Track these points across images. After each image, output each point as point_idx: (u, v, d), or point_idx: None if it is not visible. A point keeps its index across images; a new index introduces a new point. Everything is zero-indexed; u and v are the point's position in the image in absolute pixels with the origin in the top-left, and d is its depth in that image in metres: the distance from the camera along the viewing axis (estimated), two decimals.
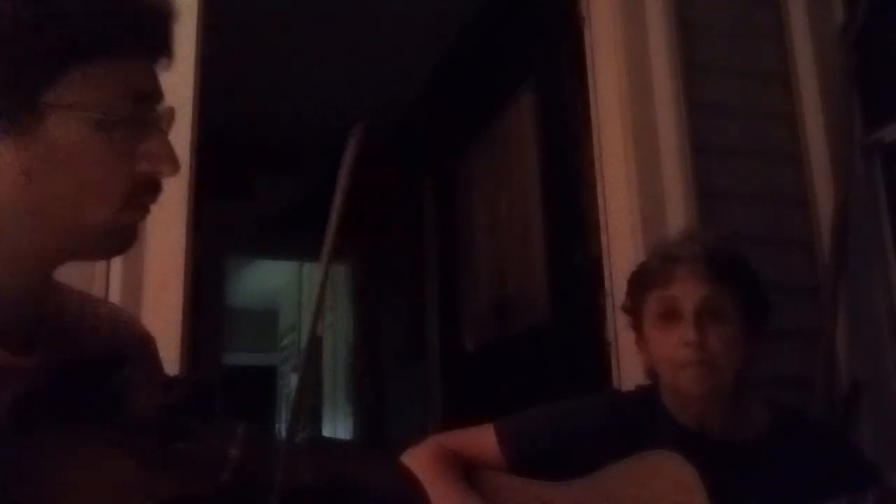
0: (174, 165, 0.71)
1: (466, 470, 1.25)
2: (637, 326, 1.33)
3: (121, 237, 0.71)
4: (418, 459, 1.22)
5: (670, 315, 1.25)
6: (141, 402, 0.66)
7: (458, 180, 3.17)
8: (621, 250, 1.83)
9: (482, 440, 1.29)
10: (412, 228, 3.67)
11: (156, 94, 0.72)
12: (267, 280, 6.96)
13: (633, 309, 1.34)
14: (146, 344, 0.85)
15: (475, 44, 2.94)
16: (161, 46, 0.73)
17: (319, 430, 5.53)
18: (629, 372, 1.73)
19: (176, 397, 0.65)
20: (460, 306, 3.09)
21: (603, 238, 1.89)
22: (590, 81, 1.97)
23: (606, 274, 1.85)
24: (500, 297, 2.71)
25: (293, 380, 6.56)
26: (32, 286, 0.71)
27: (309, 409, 5.97)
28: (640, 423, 1.28)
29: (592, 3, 2.00)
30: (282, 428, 6.69)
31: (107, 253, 0.76)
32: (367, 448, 3.56)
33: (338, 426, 5.04)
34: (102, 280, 1.44)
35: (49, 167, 0.66)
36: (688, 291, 1.24)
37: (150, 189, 0.71)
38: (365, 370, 4.32)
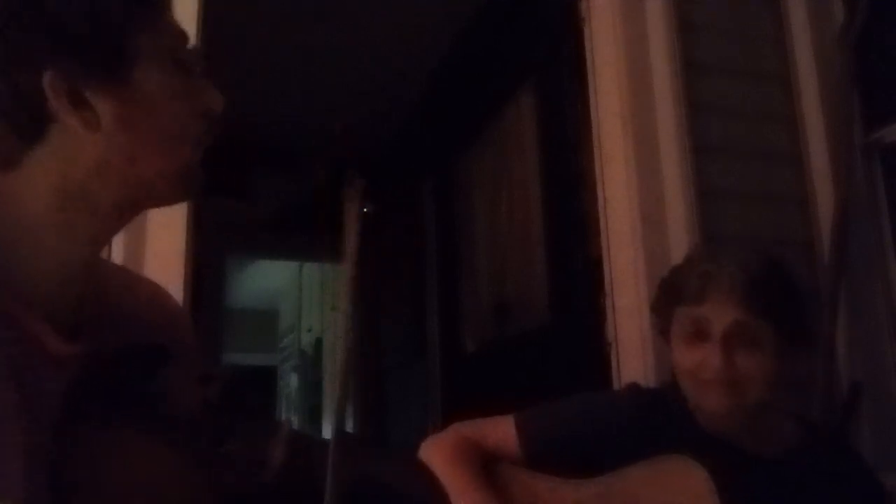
0: (220, 98, 0.73)
1: (486, 462, 1.24)
2: (664, 331, 1.31)
3: (194, 178, 0.73)
4: (439, 450, 1.22)
5: (699, 333, 1.22)
6: (183, 398, 0.66)
7: (458, 180, 3.17)
8: (621, 251, 1.83)
9: (502, 432, 1.28)
10: (412, 228, 3.67)
11: (185, 37, 0.74)
12: (267, 280, 6.96)
13: (661, 315, 1.31)
14: (182, 323, 0.83)
15: (475, 44, 2.94)
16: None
17: (319, 430, 5.53)
18: (629, 373, 1.73)
19: (214, 392, 0.65)
20: (460, 306, 3.09)
21: (603, 238, 1.88)
22: (590, 81, 1.97)
23: (606, 274, 1.85)
24: (500, 298, 2.71)
25: (293, 380, 6.56)
26: (87, 258, 0.69)
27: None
28: (663, 424, 1.26)
29: (592, 3, 2.00)
30: None
31: (181, 197, 0.75)
32: (385, 448, 3.57)
33: None
34: None
35: (142, 115, 0.67)
36: (719, 314, 1.20)
37: (208, 128, 0.73)
38: (365, 370, 4.32)
